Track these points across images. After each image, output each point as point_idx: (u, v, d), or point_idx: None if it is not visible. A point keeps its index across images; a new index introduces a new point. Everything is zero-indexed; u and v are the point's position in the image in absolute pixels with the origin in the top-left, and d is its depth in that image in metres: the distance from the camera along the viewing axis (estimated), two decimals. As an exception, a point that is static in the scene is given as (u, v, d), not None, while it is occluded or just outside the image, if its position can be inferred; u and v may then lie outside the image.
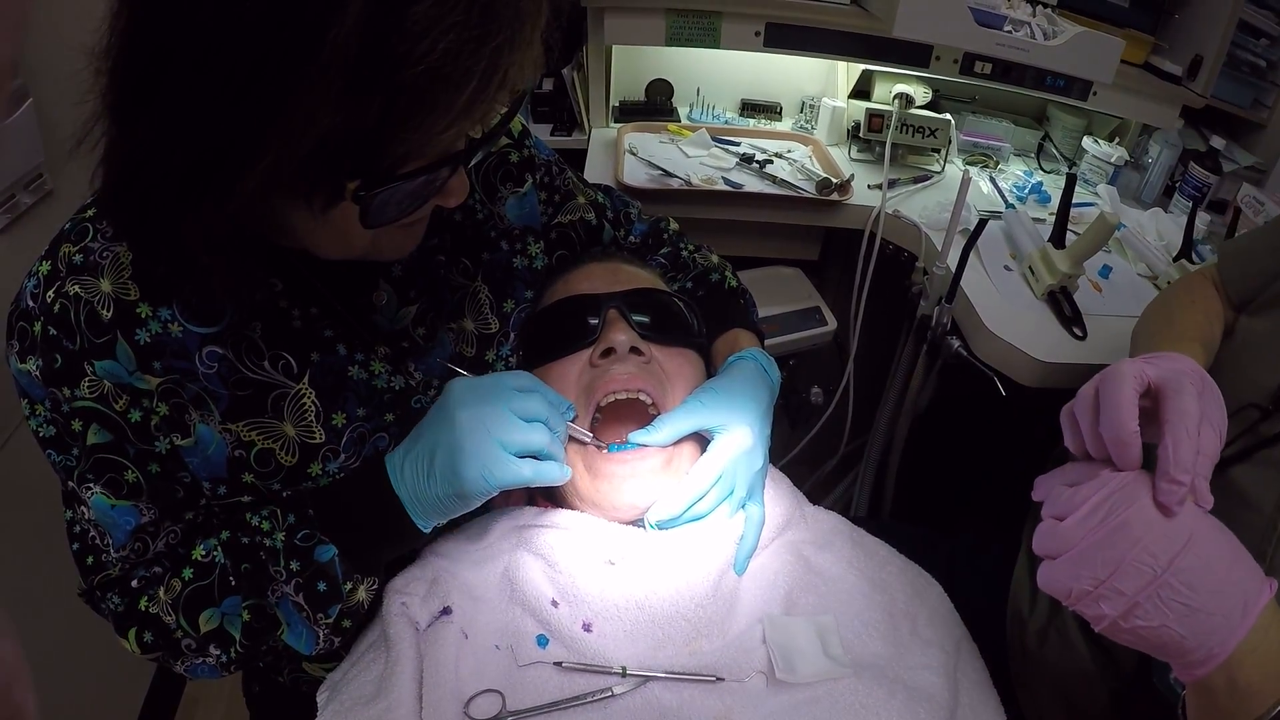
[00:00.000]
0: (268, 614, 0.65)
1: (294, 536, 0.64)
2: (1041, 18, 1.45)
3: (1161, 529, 0.48)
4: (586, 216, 0.87)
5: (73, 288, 0.59)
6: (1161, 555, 0.48)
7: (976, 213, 1.41)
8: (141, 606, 0.66)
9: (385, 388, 0.70)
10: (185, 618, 0.65)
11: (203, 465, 0.64)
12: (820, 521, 0.80)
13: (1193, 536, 0.48)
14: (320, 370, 0.67)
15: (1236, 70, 1.55)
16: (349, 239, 0.58)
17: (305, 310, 0.66)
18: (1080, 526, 0.50)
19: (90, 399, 0.60)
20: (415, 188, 0.54)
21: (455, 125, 0.50)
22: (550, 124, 1.61)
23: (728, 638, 0.66)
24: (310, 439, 0.66)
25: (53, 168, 0.98)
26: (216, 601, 0.65)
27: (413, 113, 0.47)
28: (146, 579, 0.67)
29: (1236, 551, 0.50)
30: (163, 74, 0.46)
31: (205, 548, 0.66)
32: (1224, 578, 0.48)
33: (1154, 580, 0.47)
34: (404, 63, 0.45)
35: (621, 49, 1.57)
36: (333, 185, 0.50)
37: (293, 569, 0.64)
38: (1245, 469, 0.69)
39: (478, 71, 0.47)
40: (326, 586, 0.64)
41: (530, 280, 0.82)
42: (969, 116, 1.67)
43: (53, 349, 0.59)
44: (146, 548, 0.66)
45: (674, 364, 0.76)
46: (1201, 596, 0.47)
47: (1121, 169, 1.59)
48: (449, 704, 0.60)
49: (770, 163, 1.48)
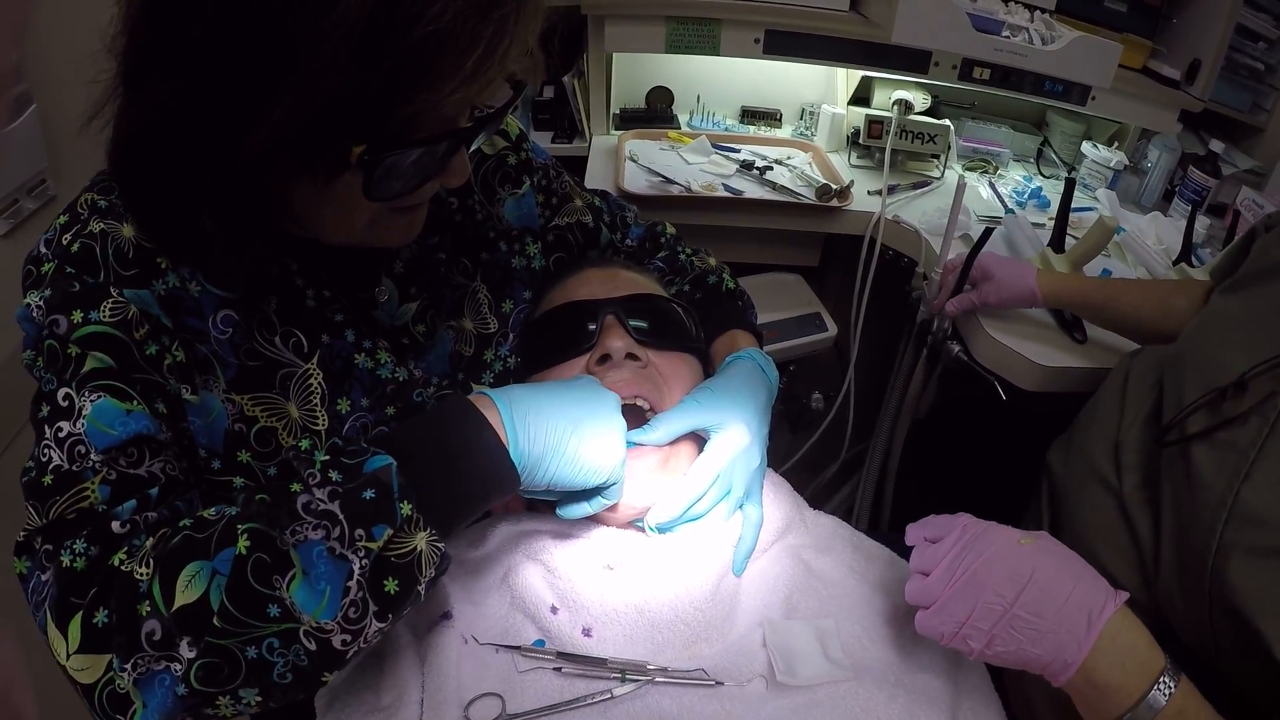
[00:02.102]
0: (277, 549, 0.49)
1: (339, 455, 0.53)
2: (1039, 23, 1.46)
3: (1005, 571, 0.57)
4: (584, 219, 0.88)
5: (97, 225, 0.57)
6: (1007, 594, 0.57)
7: (976, 218, 1.41)
8: (115, 561, 0.51)
9: (389, 378, 0.70)
10: (162, 578, 0.49)
11: (204, 430, 0.61)
12: (820, 526, 0.80)
13: (1034, 572, 0.57)
14: (329, 353, 0.66)
15: (1235, 74, 1.55)
16: (351, 217, 0.58)
17: (319, 291, 0.66)
18: (941, 581, 0.59)
19: (109, 322, 0.55)
20: (418, 160, 0.55)
21: (459, 91, 0.50)
22: (551, 131, 1.62)
23: (727, 641, 0.66)
24: (313, 424, 0.66)
25: (56, 173, 0.98)
26: (210, 554, 0.50)
27: (420, 74, 0.49)
28: (135, 524, 0.53)
29: (1080, 574, 0.58)
30: (178, 34, 0.48)
31: (218, 508, 0.55)
32: (1066, 601, 0.56)
33: (1004, 615, 0.57)
34: (415, 23, 0.46)
35: (622, 56, 1.58)
36: (338, 148, 0.51)
37: (331, 477, 0.51)
38: (1203, 449, 0.72)
39: (484, 37, 0.49)
40: (376, 495, 0.50)
41: (528, 281, 0.83)
42: (968, 122, 1.67)
43: (68, 280, 0.56)
44: (142, 459, 0.55)
45: (671, 368, 0.76)
46: (1047, 621, 0.56)
47: (1121, 173, 1.59)
48: (449, 708, 0.60)
49: (770, 169, 1.48)
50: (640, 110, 1.65)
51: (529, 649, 0.64)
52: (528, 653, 0.64)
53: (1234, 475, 0.69)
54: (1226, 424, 0.71)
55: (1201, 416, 0.73)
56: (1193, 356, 0.78)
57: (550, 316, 0.79)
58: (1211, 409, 0.73)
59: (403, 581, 0.51)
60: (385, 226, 0.61)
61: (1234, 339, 0.75)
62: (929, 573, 0.61)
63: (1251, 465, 0.68)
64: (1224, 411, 0.72)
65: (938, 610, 0.59)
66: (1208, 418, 0.73)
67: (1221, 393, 0.72)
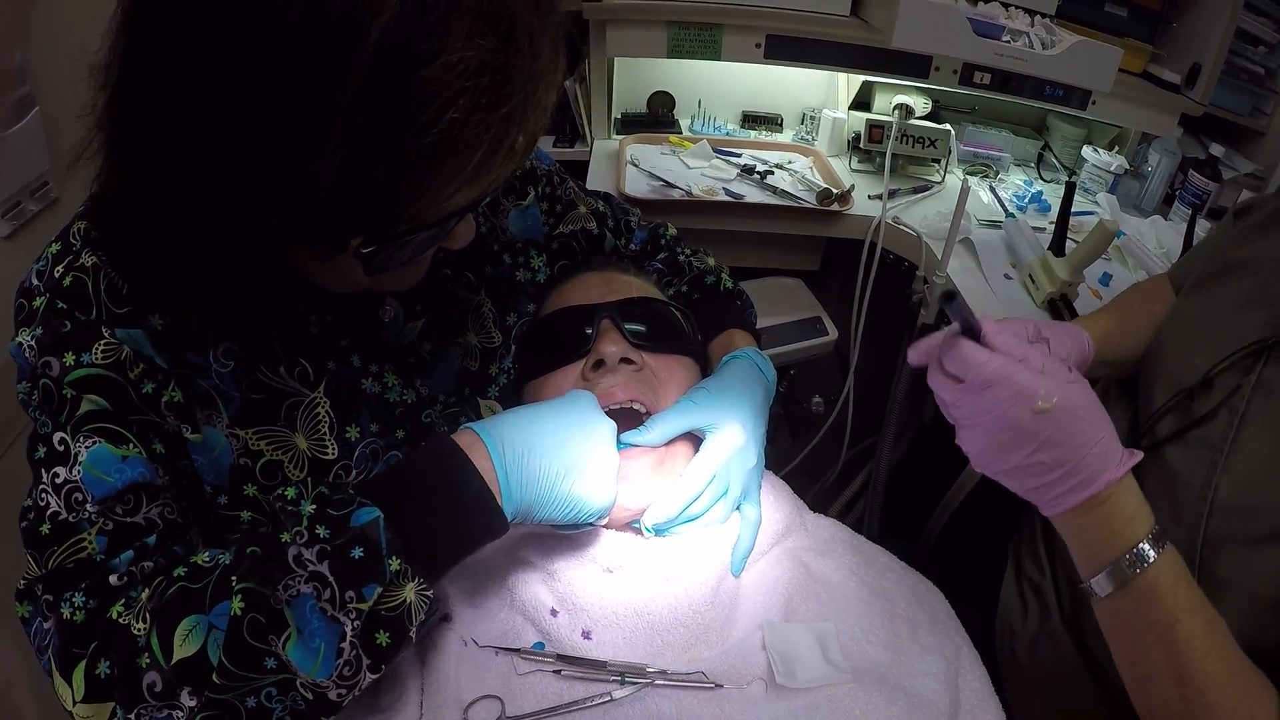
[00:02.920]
0: (270, 607, 0.50)
1: (327, 505, 0.53)
2: (1040, 28, 1.46)
3: (1011, 434, 0.55)
4: (588, 226, 0.88)
5: (89, 259, 0.56)
6: (1013, 457, 0.56)
7: (977, 222, 1.41)
8: (113, 614, 0.52)
9: (398, 401, 0.69)
10: (160, 631, 0.50)
11: (208, 467, 0.60)
12: (820, 529, 0.80)
13: (1042, 444, 0.55)
14: (335, 380, 0.65)
15: (1235, 78, 1.55)
16: (352, 278, 0.57)
17: (322, 317, 0.65)
18: (960, 414, 0.58)
19: (101, 364, 0.54)
20: (421, 241, 0.54)
21: (461, 192, 0.48)
22: (553, 136, 1.62)
23: (727, 644, 0.66)
24: (323, 454, 0.65)
25: (58, 175, 0.99)
26: (205, 608, 0.51)
27: (419, 179, 0.46)
28: (132, 575, 0.53)
29: (1091, 442, 0.56)
30: (164, 116, 0.45)
31: (210, 554, 0.56)
32: (1070, 467, 0.56)
33: (1008, 467, 0.57)
34: (410, 130, 0.44)
35: (623, 61, 1.58)
36: (337, 239, 0.49)
37: (319, 534, 0.51)
38: (1177, 450, 0.72)
39: (487, 139, 0.46)
40: (364, 554, 0.50)
41: (533, 294, 0.83)
42: (969, 127, 1.67)
43: (60, 318, 0.54)
44: (139, 506, 0.54)
45: (668, 371, 0.76)
46: (1047, 478, 0.56)
47: (1121, 177, 1.59)
48: (449, 710, 0.60)
49: (771, 173, 1.48)
50: (642, 115, 1.65)
51: (528, 652, 0.64)
52: (527, 655, 0.64)
53: (1210, 470, 0.69)
54: (1197, 423, 0.71)
55: (1171, 420, 0.74)
56: (1159, 361, 0.79)
57: (547, 322, 0.79)
58: (1180, 411, 0.73)
59: (394, 633, 0.52)
60: (390, 278, 0.60)
61: (1197, 340, 0.75)
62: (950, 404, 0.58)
63: (1227, 458, 0.68)
64: (1193, 411, 0.72)
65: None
66: (1177, 420, 0.73)
67: (1189, 393, 0.72)
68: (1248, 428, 0.68)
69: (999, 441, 0.56)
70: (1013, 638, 0.81)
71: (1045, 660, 0.77)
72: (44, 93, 0.92)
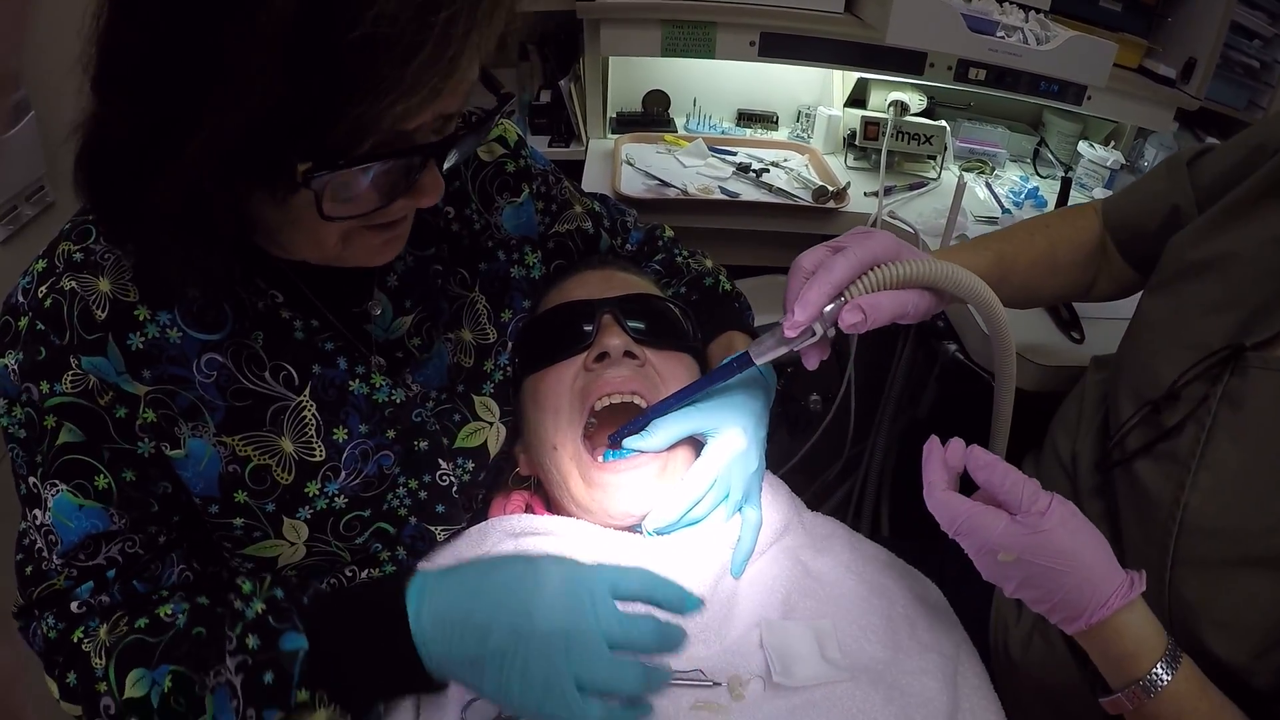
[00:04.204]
0: (192, 694, 0.56)
1: (271, 612, 0.59)
2: (1034, 23, 1.46)
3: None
4: (584, 225, 0.87)
5: (69, 283, 0.58)
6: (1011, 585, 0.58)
7: (973, 218, 1.41)
8: (75, 639, 0.60)
9: (386, 401, 0.69)
10: (116, 671, 0.58)
11: (197, 479, 0.62)
12: (818, 526, 0.80)
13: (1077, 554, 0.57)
14: (321, 383, 0.66)
15: (1230, 72, 1.55)
16: (319, 236, 0.56)
17: (307, 322, 0.65)
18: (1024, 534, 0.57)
19: (72, 394, 0.58)
20: (376, 179, 0.52)
21: (401, 102, 0.47)
22: (548, 136, 1.62)
23: (725, 642, 0.66)
24: (310, 456, 0.65)
25: (54, 180, 0.99)
26: (153, 664, 0.58)
27: (354, 85, 0.45)
28: (90, 605, 0.61)
29: (1087, 570, 0.57)
30: (126, 44, 0.47)
31: (174, 608, 0.61)
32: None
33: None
34: (345, 30, 0.43)
35: (618, 60, 1.58)
36: (284, 164, 0.48)
37: (248, 644, 0.57)
38: (1146, 464, 0.70)
39: (425, 45, 0.45)
40: (274, 680, 0.56)
41: (528, 290, 0.82)
42: (964, 123, 1.68)
43: (37, 342, 0.58)
44: (97, 551, 0.60)
45: (669, 368, 0.76)
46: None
47: (1118, 172, 1.59)
48: (446, 711, 0.60)
49: (767, 171, 1.48)
50: (637, 114, 1.65)
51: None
52: (525, 655, 0.63)
53: (1178, 486, 0.67)
54: (1164, 436, 0.69)
55: (1139, 433, 0.72)
56: (1127, 368, 0.77)
57: (547, 317, 0.79)
58: (1147, 423, 0.71)
59: None
60: (360, 245, 0.59)
61: (1160, 347, 0.73)
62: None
63: (1194, 474, 0.66)
64: (1161, 423, 0.70)
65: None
66: (1145, 433, 0.71)
67: (1154, 406, 0.70)
68: (1215, 442, 0.66)
69: (990, 574, 0.60)
70: (1006, 634, 0.81)
71: (1038, 658, 0.77)
72: (38, 97, 0.92)
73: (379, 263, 0.63)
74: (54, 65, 0.69)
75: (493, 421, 0.77)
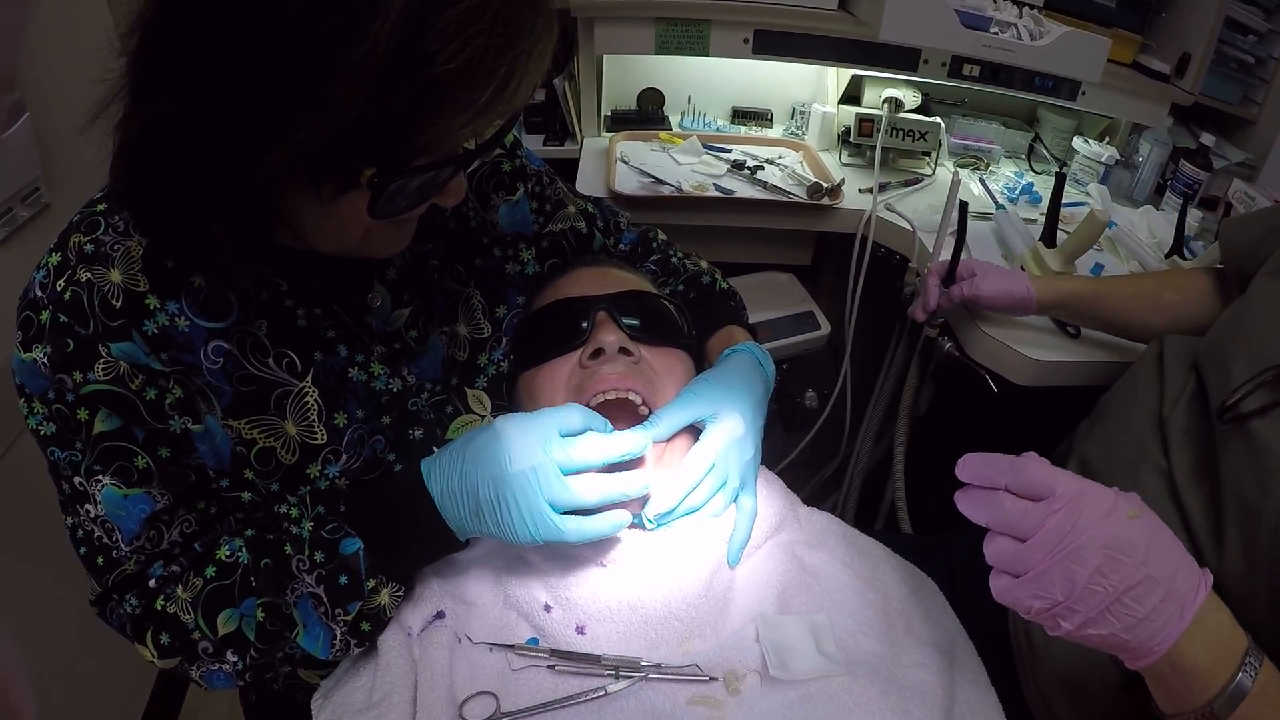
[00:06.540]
0: (283, 614, 0.64)
1: (321, 528, 0.66)
2: (1028, 19, 1.46)
3: (1111, 548, 0.53)
4: (577, 225, 0.88)
5: (84, 274, 0.60)
6: (1112, 577, 0.52)
7: (969, 213, 1.41)
8: (159, 606, 0.66)
9: (384, 389, 0.71)
10: (204, 618, 0.65)
11: (211, 454, 0.65)
12: (813, 522, 0.81)
13: (1145, 554, 0.53)
14: (323, 370, 0.68)
15: (1225, 67, 1.56)
16: (348, 229, 0.60)
17: (309, 310, 0.67)
18: (1041, 550, 0.54)
19: (104, 381, 0.60)
20: (422, 183, 0.57)
21: (471, 124, 0.54)
22: (542, 134, 1.62)
23: (721, 637, 0.66)
24: (312, 439, 0.67)
25: (49, 181, 0.99)
26: (236, 602, 0.65)
27: (437, 107, 0.51)
28: (164, 578, 0.66)
29: (1179, 557, 0.54)
30: (201, 44, 0.49)
31: (230, 548, 0.67)
32: (1167, 588, 0.53)
33: (1106, 600, 0.52)
34: (435, 60, 0.49)
35: (612, 58, 1.58)
36: (350, 170, 0.53)
37: (317, 559, 0.64)
38: (1265, 423, 0.71)
39: (498, 75, 0.52)
40: (348, 580, 0.64)
41: (522, 286, 0.83)
42: (959, 119, 1.68)
43: (64, 335, 0.59)
44: (161, 536, 0.65)
45: (664, 364, 0.76)
46: (1147, 608, 0.52)
47: (1112, 168, 1.60)
48: (443, 707, 0.60)
49: (761, 169, 1.48)
50: (631, 112, 1.65)
51: (522, 647, 0.64)
52: (521, 651, 0.64)
53: None
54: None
55: (1260, 395, 0.72)
56: (1238, 340, 0.78)
57: (542, 313, 0.80)
58: (1270, 387, 0.71)
59: (374, 622, 0.66)
60: (378, 238, 0.63)
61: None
62: (1022, 537, 0.55)
63: None
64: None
65: (1031, 582, 0.54)
66: (1267, 395, 0.71)
67: (1278, 372, 0.71)
68: None
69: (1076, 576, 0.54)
70: (1027, 623, 0.82)
71: (1060, 645, 0.77)
72: (34, 99, 0.92)
73: (393, 253, 0.69)
74: (50, 67, 0.69)
75: (484, 415, 0.77)
